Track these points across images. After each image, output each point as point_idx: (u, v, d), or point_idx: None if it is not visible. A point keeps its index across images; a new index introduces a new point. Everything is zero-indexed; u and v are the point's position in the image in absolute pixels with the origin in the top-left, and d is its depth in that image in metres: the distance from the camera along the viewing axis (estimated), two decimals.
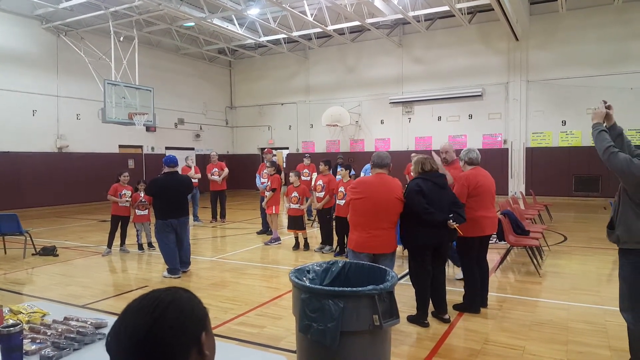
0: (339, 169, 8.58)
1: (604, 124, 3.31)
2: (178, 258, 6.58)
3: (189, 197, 7.22)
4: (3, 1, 13.74)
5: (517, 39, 16.19)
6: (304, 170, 11.96)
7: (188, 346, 1.06)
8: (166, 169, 6.73)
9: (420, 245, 4.46)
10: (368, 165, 10.15)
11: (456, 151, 5.89)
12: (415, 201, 4.36)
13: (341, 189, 7.54)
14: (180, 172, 7.77)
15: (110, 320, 2.29)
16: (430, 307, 4.61)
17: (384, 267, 3.28)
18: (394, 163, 4.78)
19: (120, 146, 17.67)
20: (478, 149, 5.28)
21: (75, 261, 7.69)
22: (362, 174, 10.47)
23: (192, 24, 16.83)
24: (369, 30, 17.29)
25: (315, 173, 10.46)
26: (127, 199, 8.16)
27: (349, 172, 7.94)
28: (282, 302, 5.28)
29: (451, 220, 4.33)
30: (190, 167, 11.49)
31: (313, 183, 9.31)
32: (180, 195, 6.73)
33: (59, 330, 2.11)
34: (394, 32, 18.60)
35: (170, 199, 6.55)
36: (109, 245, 8.18)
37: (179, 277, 6.51)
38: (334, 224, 8.09)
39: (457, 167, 5.44)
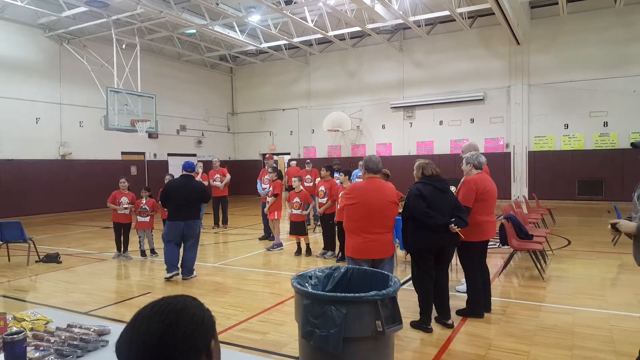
0: (336, 175, 8.55)
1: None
2: (176, 258, 6.73)
3: None
4: (6, 10, 13.85)
5: (518, 43, 16.21)
6: (307, 177, 11.97)
7: (198, 353, 1.07)
8: (182, 173, 7.03)
9: (422, 249, 4.45)
10: (357, 171, 10.16)
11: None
12: (416, 205, 4.36)
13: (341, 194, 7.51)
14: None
15: (114, 327, 2.29)
16: (434, 313, 4.60)
17: (386, 272, 3.28)
18: (395, 167, 4.79)
19: (122, 153, 17.72)
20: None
21: (79, 268, 7.70)
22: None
23: (194, 31, 16.92)
24: (370, 35, 17.34)
25: (319, 178, 10.46)
26: (125, 205, 8.18)
27: (349, 178, 7.92)
28: (285, 308, 5.27)
29: (453, 224, 4.33)
30: (197, 173, 11.49)
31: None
32: (190, 198, 6.82)
33: (62, 337, 2.11)
34: (395, 37, 18.66)
35: (178, 201, 6.73)
36: (118, 249, 8.36)
37: (176, 273, 6.68)
38: (336, 229, 8.07)
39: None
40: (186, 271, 6.78)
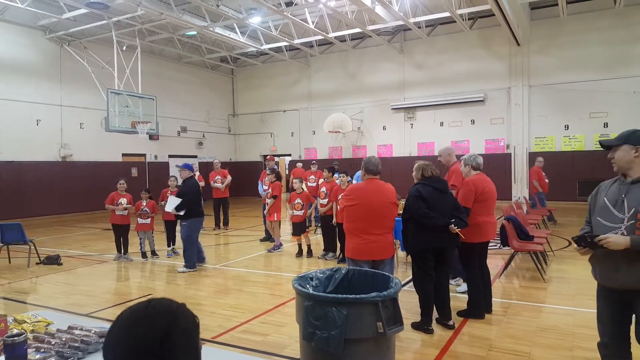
0: (335, 175, 8.57)
1: None
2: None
3: None
4: (7, 12, 13.87)
5: (518, 44, 16.21)
6: (311, 177, 11.97)
7: (197, 351, 1.11)
8: (191, 174, 7.77)
9: (422, 250, 4.45)
10: (359, 173, 10.15)
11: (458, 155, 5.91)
12: (415, 206, 4.37)
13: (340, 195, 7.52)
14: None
15: None
16: (435, 314, 4.59)
17: (386, 273, 3.28)
18: (396, 169, 4.79)
19: (123, 154, 17.73)
20: (480, 154, 5.28)
21: (79, 270, 7.70)
22: (354, 181, 10.41)
23: (194, 32, 16.93)
24: (370, 36, 17.35)
25: (322, 179, 10.46)
26: (124, 206, 8.19)
27: (349, 179, 7.91)
28: (286, 309, 5.27)
29: (453, 225, 4.33)
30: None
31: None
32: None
33: (63, 339, 2.11)
34: (395, 38, 18.67)
35: (200, 199, 7.67)
36: (118, 250, 8.38)
37: (196, 270, 7.34)
38: (337, 230, 8.05)
39: (456, 170, 5.47)
40: (201, 257, 7.69)
